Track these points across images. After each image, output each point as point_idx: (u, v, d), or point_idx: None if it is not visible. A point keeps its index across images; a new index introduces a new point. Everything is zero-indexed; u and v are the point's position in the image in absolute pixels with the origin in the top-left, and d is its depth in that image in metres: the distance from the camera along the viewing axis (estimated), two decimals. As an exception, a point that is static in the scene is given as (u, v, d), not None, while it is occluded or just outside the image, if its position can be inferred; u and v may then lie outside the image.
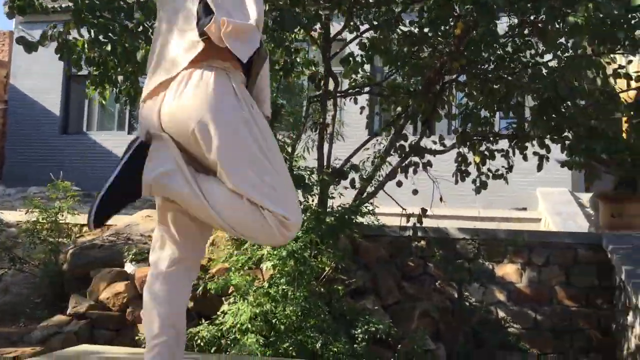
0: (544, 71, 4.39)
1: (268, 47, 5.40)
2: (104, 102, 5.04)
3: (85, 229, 6.61)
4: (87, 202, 8.38)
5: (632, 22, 3.24)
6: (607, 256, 5.81)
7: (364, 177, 5.33)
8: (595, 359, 5.61)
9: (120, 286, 4.96)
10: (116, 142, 12.07)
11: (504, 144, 5.70)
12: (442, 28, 4.40)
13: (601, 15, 3.27)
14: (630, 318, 5.24)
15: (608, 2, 3.26)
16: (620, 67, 4.45)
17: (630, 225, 5.99)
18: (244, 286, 4.32)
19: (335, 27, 5.26)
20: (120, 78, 4.34)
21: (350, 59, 5.13)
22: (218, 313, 4.63)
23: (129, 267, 5.21)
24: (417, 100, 5.09)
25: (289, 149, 5.29)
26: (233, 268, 4.81)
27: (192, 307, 5.33)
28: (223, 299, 4.86)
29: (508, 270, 6.24)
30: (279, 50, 4.87)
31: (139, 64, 4.23)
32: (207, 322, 4.51)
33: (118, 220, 6.49)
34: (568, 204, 9.28)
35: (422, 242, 6.29)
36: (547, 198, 9.73)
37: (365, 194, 5.28)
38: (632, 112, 4.31)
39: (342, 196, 5.05)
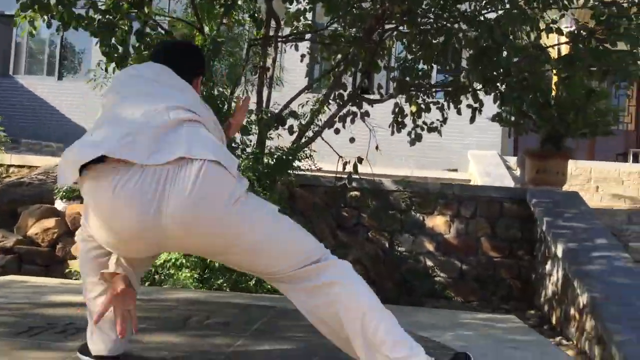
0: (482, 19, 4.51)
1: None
2: (34, 31, 4.81)
3: (12, 169, 6.37)
4: (13, 148, 8.04)
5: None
6: (531, 210, 6.12)
7: (303, 123, 5.36)
8: (515, 307, 5.92)
9: (50, 222, 4.83)
10: (45, 88, 11.60)
11: (440, 98, 5.85)
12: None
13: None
14: (548, 267, 5.57)
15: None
16: (553, 22, 4.62)
17: (553, 182, 6.31)
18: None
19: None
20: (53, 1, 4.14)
21: (294, 0, 5.09)
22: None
23: (59, 204, 5.07)
24: (357, 48, 5.13)
25: (228, 91, 5.24)
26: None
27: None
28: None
29: (437, 221, 6.46)
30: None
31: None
32: (139, 257, 4.45)
33: (47, 161, 6.28)
34: (497, 166, 9.67)
35: (357, 193, 6.42)
36: (478, 160, 10.10)
37: (303, 139, 5.31)
38: (560, 67, 4.51)
39: (280, 137, 5.06)
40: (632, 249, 5.31)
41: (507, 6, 4.71)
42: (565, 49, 5.15)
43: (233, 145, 5.07)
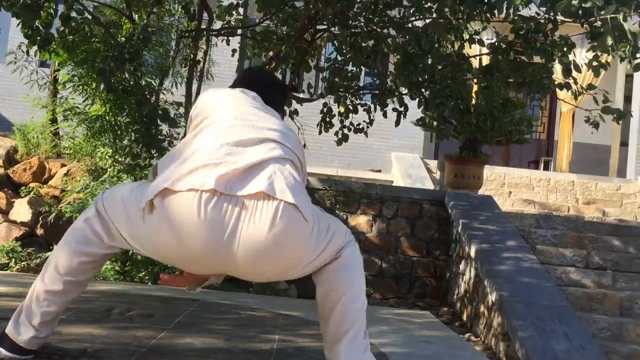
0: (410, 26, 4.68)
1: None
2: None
3: None
4: None
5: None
6: (448, 212, 6.39)
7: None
8: (430, 304, 6.16)
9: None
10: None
11: (367, 100, 6.01)
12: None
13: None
14: (462, 266, 5.83)
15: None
16: (476, 33, 4.86)
17: (470, 185, 6.61)
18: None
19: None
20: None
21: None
22: (70, 241, 4.46)
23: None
24: (288, 46, 5.18)
25: (156, 82, 5.17)
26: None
27: (42, 234, 5.09)
28: (76, 228, 4.69)
29: (360, 220, 6.63)
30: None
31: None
32: (57, 248, 4.33)
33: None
34: (418, 168, 10.00)
35: (283, 190, 6.47)
36: (400, 162, 10.41)
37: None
38: (480, 76, 4.74)
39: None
40: (538, 250, 5.65)
41: (434, 15, 4.91)
42: (486, 60, 5.42)
43: (159, 137, 5.02)
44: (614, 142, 11.93)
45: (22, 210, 5.20)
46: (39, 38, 4.35)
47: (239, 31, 5.87)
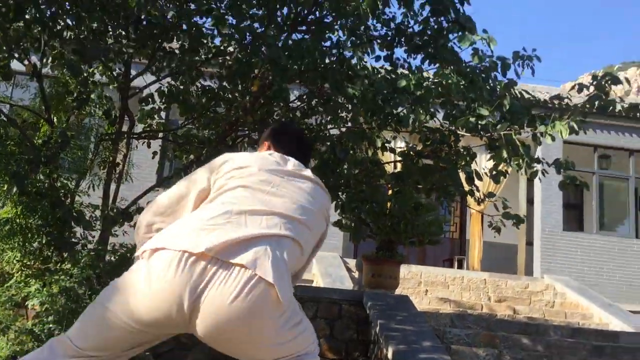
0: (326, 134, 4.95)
1: (63, 78, 5.26)
2: None
3: None
4: None
5: (397, 100, 3.89)
6: (367, 312, 6.46)
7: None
8: (348, 408, 6.07)
9: None
10: None
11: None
12: (240, 84, 4.74)
13: (372, 90, 3.88)
14: (381, 368, 5.84)
15: (380, 82, 3.88)
16: (387, 141, 5.19)
17: (387, 285, 6.75)
18: (5, 320, 3.99)
19: (136, 66, 5.33)
20: None
21: (150, 100, 5.21)
22: (-32, 352, 4.17)
23: None
24: (210, 150, 5.31)
25: (72, 184, 5.12)
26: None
27: (-64, 346, 4.71)
28: (-24, 339, 4.40)
29: (277, 322, 6.55)
30: (74, 80, 4.78)
31: None
32: (-46, 361, 4.03)
33: None
34: (338, 267, 10.12)
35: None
36: (320, 261, 10.50)
37: (149, 237, 5.26)
38: (393, 181, 5.03)
39: (125, 234, 4.98)
40: (453, 350, 5.77)
41: (349, 124, 5.23)
42: (398, 166, 5.74)
43: (73, 240, 4.90)
44: (520, 241, 12.62)
45: None
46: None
47: (160, 134, 5.97)
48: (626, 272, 12.15)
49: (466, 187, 5.09)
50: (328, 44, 5.04)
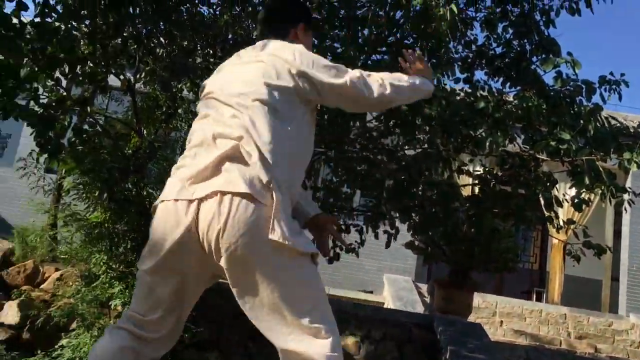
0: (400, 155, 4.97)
1: (154, 93, 5.56)
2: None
3: None
4: None
5: (475, 122, 3.86)
6: (437, 336, 6.34)
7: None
8: None
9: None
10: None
11: (360, 221, 6.18)
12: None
13: (449, 111, 3.88)
14: (449, 395, 5.70)
15: (458, 103, 3.86)
16: (464, 164, 5.14)
17: (458, 312, 6.61)
18: (91, 317, 4.23)
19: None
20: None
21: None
22: (56, 347, 4.45)
23: None
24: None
25: (157, 194, 5.37)
26: (80, 304, 4.69)
27: (28, 338, 5.06)
28: (63, 334, 4.68)
29: (348, 342, 6.55)
30: (163, 96, 5.05)
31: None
32: (42, 353, 4.32)
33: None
34: (410, 291, 9.99)
35: (272, 306, 6.47)
36: (392, 284, 10.42)
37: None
38: (468, 204, 4.96)
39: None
40: (527, 383, 5.57)
41: (425, 145, 5.21)
42: (474, 190, 5.65)
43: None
44: (605, 276, 12.00)
45: (10, 313, 5.21)
46: (50, 147, 4.59)
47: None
48: None
49: (546, 214, 4.94)
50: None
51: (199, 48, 5.21)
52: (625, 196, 4.60)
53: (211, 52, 5.11)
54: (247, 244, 1.83)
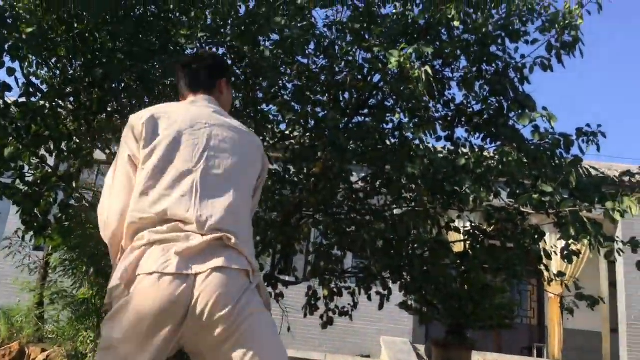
0: (387, 214, 4.97)
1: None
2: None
3: None
4: None
5: (458, 179, 3.90)
6: (437, 400, 6.19)
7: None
8: None
9: None
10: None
11: (352, 283, 6.12)
12: (304, 167, 4.90)
13: (432, 169, 3.92)
14: None
15: (440, 160, 3.92)
16: (452, 221, 5.15)
17: (458, 372, 6.47)
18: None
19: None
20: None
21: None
22: None
23: None
24: (275, 231, 5.43)
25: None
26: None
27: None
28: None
29: (347, 409, 6.38)
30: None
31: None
32: None
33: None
34: (408, 354, 9.78)
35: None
36: (390, 347, 10.21)
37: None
38: (458, 261, 4.93)
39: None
40: None
41: (413, 204, 5.24)
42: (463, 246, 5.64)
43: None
44: (604, 328, 11.84)
45: (-6, 398, 5.04)
46: (36, 224, 4.57)
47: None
48: None
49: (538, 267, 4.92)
50: (390, 126, 5.17)
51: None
52: (617, 245, 4.60)
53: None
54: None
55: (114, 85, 4.16)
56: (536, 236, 4.69)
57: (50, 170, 4.49)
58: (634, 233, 8.29)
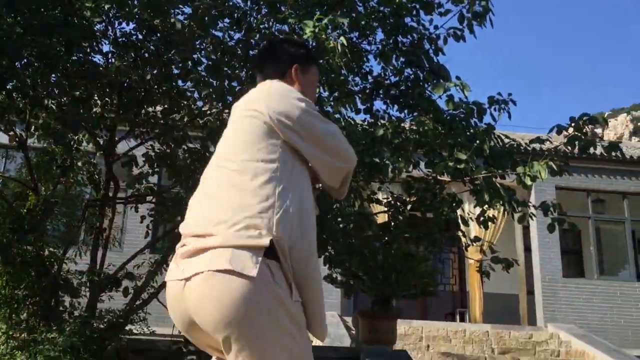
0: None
1: (50, 147, 5.31)
2: None
3: None
4: None
5: (376, 150, 3.93)
6: (365, 369, 6.30)
7: (139, 284, 5.28)
8: None
9: None
10: None
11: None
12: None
13: (351, 141, 3.93)
14: None
15: (358, 132, 3.93)
16: (373, 193, 5.20)
17: (384, 341, 6.60)
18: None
19: (121, 132, 5.40)
20: None
21: (133, 164, 5.24)
22: None
23: None
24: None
25: (60, 251, 5.09)
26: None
27: None
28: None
29: (276, 385, 6.37)
30: (59, 148, 4.83)
31: None
32: None
33: None
34: (336, 326, 9.91)
35: (194, 357, 6.23)
36: (318, 321, 10.31)
37: (138, 302, 5.20)
38: (381, 232, 5.01)
39: (112, 299, 4.92)
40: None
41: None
42: (385, 217, 5.73)
43: (60, 308, 4.84)
44: (521, 291, 12.45)
45: None
46: None
47: (148, 198, 5.97)
48: (630, 317, 11.93)
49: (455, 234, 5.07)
50: (310, 100, 5.13)
51: (95, 97, 5.05)
52: (529, 210, 4.79)
53: (107, 100, 4.96)
54: None
55: (12, 62, 3.89)
56: (454, 204, 4.82)
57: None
58: (544, 199, 8.72)
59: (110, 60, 4.82)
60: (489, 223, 4.84)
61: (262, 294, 1.59)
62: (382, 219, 6.09)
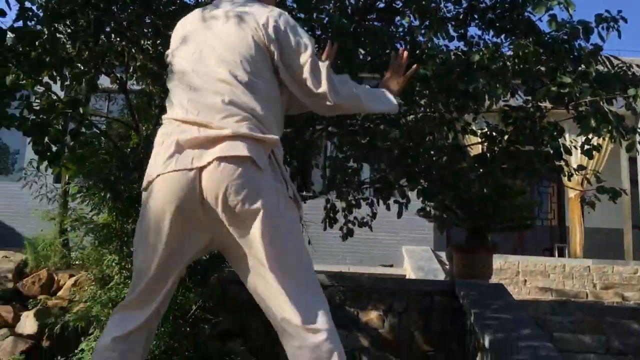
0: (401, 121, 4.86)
1: (148, 88, 5.49)
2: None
3: None
4: None
5: (471, 76, 3.75)
6: (460, 302, 6.28)
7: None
8: (448, 401, 5.92)
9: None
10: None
11: (370, 195, 6.10)
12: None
13: (444, 69, 3.77)
14: (478, 359, 5.65)
15: (452, 60, 3.76)
16: (468, 124, 5.02)
17: (479, 275, 6.54)
18: (106, 318, 4.21)
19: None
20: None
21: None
22: (76, 351, 4.44)
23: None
24: (288, 147, 5.36)
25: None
26: (96, 306, 4.67)
27: (48, 346, 5.08)
28: (82, 339, 4.68)
29: (372, 316, 6.51)
30: (156, 88, 4.97)
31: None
32: (62, 359, 4.32)
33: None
34: (429, 261, 9.95)
35: (291, 289, 6.45)
36: (411, 255, 10.37)
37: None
38: (476, 164, 4.85)
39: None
40: (556, 338, 5.50)
41: (427, 109, 5.10)
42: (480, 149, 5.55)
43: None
44: (626, 225, 11.84)
45: (28, 323, 5.21)
46: (49, 154, 4.54)
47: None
48: None
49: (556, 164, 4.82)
50: (400, 30, 4.96)
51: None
52: (639, 137, 4.47)
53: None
54: None
55: (109, 5, 4.00)
56: (555, 133, 4.57)
57: (56, 98, 4.41)
58: (656, 127, 8.10)
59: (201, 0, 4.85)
60: (594, 152, 4.57)
61: (271, 181, 1.97)
62: (476, 150, 5.91)
